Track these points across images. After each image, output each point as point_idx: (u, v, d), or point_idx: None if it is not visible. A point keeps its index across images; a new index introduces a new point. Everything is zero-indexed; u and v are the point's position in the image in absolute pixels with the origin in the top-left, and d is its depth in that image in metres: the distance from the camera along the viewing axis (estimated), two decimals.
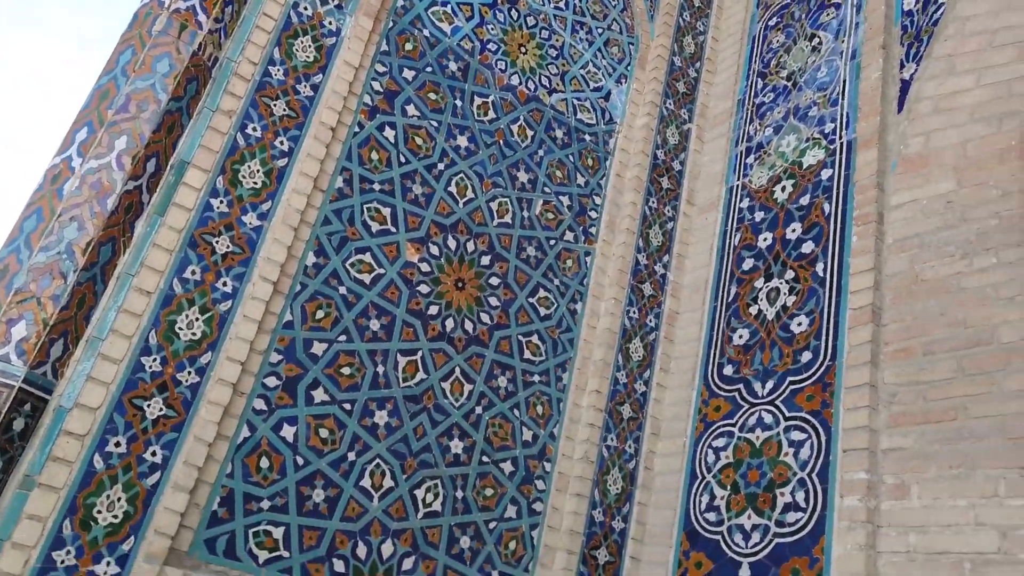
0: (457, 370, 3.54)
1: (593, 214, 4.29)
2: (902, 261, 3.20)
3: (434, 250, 3.66)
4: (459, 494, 3.37)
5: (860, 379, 3.02)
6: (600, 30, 4.65)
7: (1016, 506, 2.40)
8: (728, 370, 3.66)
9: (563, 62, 4.44)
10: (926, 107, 3.45)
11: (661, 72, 4.62)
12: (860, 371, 3.04)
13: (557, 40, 4.45)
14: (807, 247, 3.62)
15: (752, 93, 4.45)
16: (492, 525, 3.41)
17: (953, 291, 2.96)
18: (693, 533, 3.33)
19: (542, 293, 3.95)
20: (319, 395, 3.16)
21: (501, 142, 4.06)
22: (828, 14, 4.16)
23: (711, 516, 3.30)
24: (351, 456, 3.17)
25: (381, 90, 3.72)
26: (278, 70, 3.40)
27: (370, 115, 3.66)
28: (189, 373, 2.87)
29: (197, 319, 2.94)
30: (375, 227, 3.53)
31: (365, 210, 3.52)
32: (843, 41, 3.99)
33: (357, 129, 3.61)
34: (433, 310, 3.56)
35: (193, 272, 2.98)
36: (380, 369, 3.34)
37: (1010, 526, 2.39)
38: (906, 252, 3.21)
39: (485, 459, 3.48)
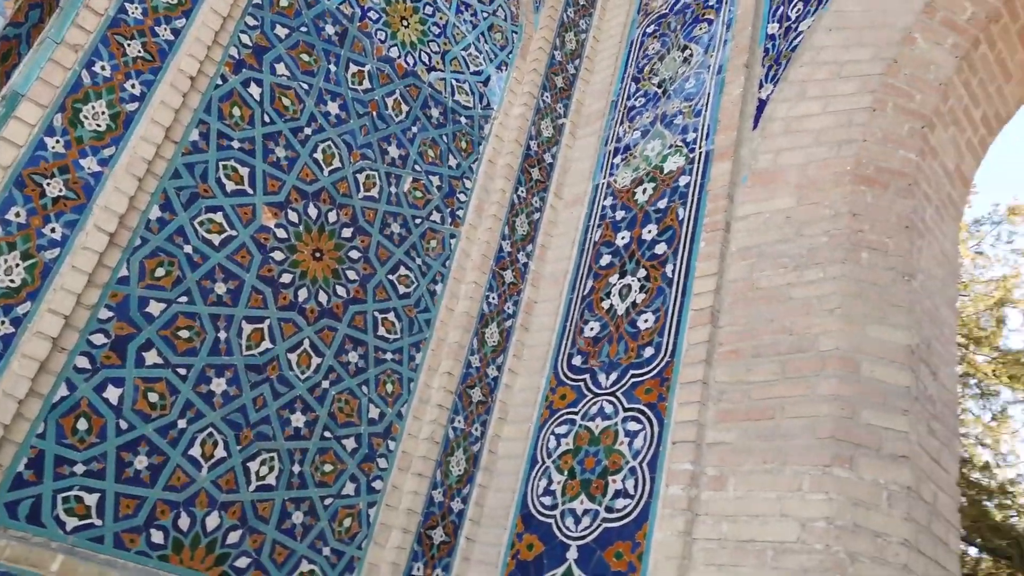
0: (306, 342, 3.45)
1: (462, 197, 4.29)
2: (742, 269, 3.40)
3: (293, 217, 3.54)
4: (296, 468, 3.29)
5: (694, 376, 3.19)
6: (485, 14, 4.65)
7: (815, 500, 2.61)
8: (577, 360, 3.77)
9: (445, 41, 4.40)
10: (778, 127, 3.67)
11: (541, 65, 4.68)
12: (695, 368, 3.21)
13: (441, 18, 4.41)
14: (660, 248, 3.77)
15: (625, 96, 4.58)
16: (328, 501, 3.35)
17: (783, 300, 3.17)
18: (528, 516, 3.41)
19: (403, 271, 3.91)
20: (151, 357, 2.99)
21: (374, 114, 3.98)
22: (701, 28, 4.35)
23: (547, 500, 3.39)
24: (181, 423, 3.02)
25: (250, 44, 3.55)
26: (136, 8, 3.17)
27: (235, 69, 3.48)
28: (3, 323, 2.64)
29: (17, 265, 2.71)
30: (230, 186, 3.37)
31: (221, 167, 3.35)
32: (712, 56, 4.18)
33: (220, 82, 3.43)
34: (286, 278, 3.45)
35: (17, 214, 2.74)
36: (222, 335, 3.20)
37: (809, 518, 2.59)
38: (747, 260, 3.40)
39: (327, 434, 3.41)
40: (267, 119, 3.54)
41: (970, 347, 10.99)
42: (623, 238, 4.00)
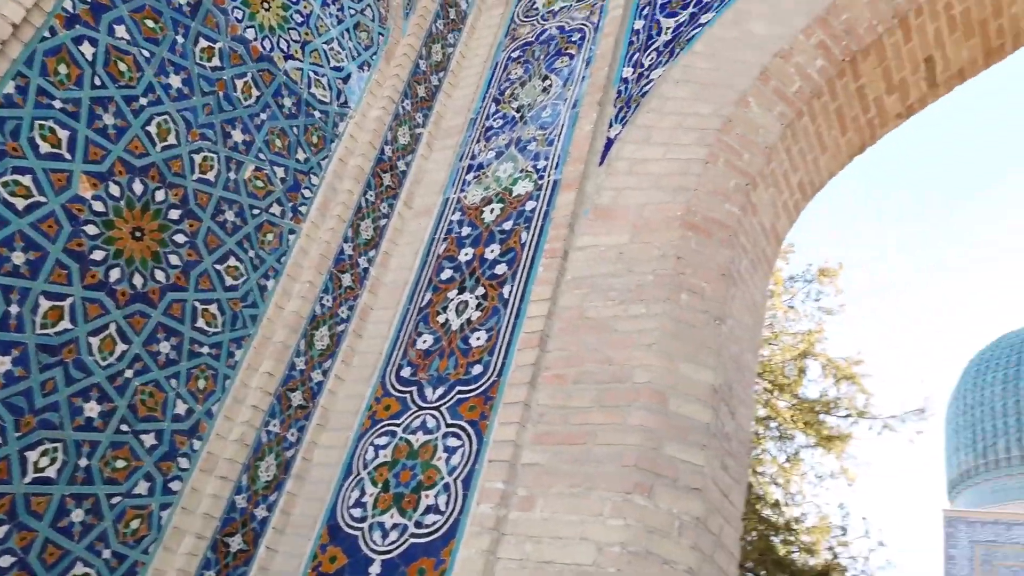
0: (113, 326, 3.19)
1: (307, 193, 4.15)
2: (575, 297, 3.51)
3: (114, 190, 3.27)
4: (83, 462, 3.01)
5: (517, 397, 3.24)
6: (352, 11, 4.55)
7: (615, 525, 2.71)
8: (406, 372, 3.73)
9: (307, 31, 4.26)
10: (622, 166, 3.84)
11: (405, 71, 4.64)
12: (519, 390, 3.26)
13: (305, 7, 4.27)
14: (500, 269, 3.82)
15: (485, 115, 4.64)
16: (115, 500, 3.09)
17: (609, 331, 3.30)
18: (335, 528, 3.31)
19: (232, 262, 3.72)
20: None
21: (220, 93, 3.77)
22: (563, 61, 4.49)
23: (357, 512, 3.31)
24: None
25: (88, 0, 3.27)
26: None
27: (67, 23, 3.19)
28: None
29: None
30: (44, 148, 3.07)
31: (37, 127, 3.05)
32: (569, 89, 4.32)
33: (48, 34, 3.12)
34: (97, 255, 3.17)
35: None
36: (13, 309, 2.89)
37: (607, 542, 2.69)
38: (580, 290, 3.52)
39: (124, 428, 3.16)
40: (98, 82, 3.26)
41: (774, 392, 11.98)
42: (466, 254, 4.02)
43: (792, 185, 3.93)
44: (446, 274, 4.02)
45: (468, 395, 3.44)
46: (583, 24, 4.55)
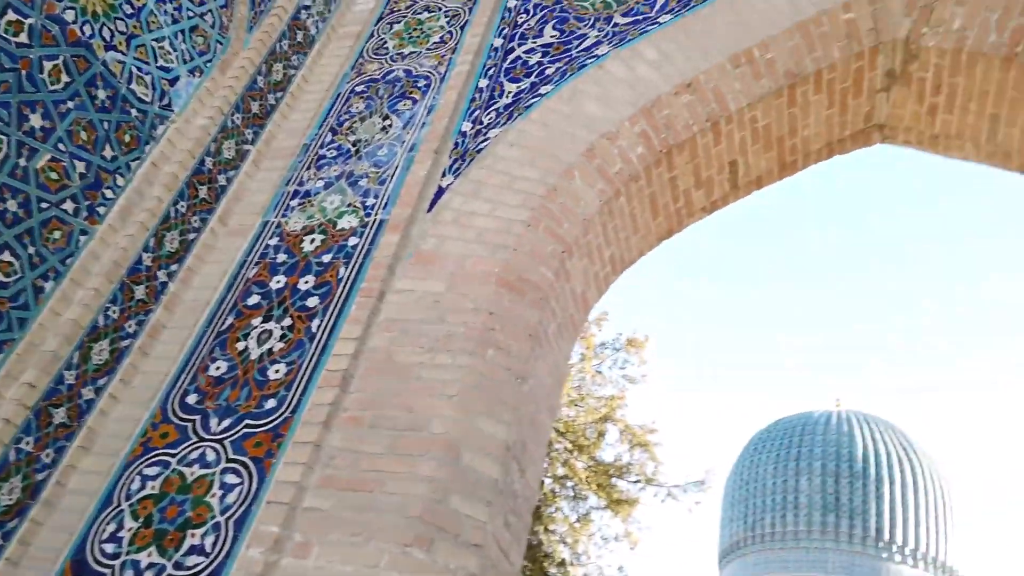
0: None
1: (109, 193, 3.82)
2: (385, 340, 3.46)
3: None
4: None
5: (309, 437, 3.11)
6: (191, 14, 4.33)
7: None
8: (192, 399, 3.48)
9: (136, 24, 3.99)
10: (449, 216, 3.88)
11: (240, 85, 4.45)
12: (312, 429, 3.14)
13: (138, 0, 4.01)
14: (312, 301, 3.70)
15: (320, 143, 4.54)
16: None
17: (413, 378, 3.28)
18: (81, 563, 2.98)
19: (7, 257, 3.33)
20: None
21: (23, 73, 3.42)
22: (405, 104, 4.51)
23: (110, 548, 2.99)
24: None
25: None
26: None
27: None
28: None
29: None
30: None
31: None
32: (409, 133, 4.34)
33: None
34: None
35: None
36: None
37: None
38: (390, 333, 3.48)
39: None
40: None
41: (574, 453, 12.44)
42: (278, 282, 3.87)
43: (604, 258, 4.16)
44: (253, 299, 3.84)
45: (256, 430, 3.26)
46: (430, 72, 4.61)
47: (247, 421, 3.30)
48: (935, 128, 4.27)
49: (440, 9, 4.96)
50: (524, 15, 4.75)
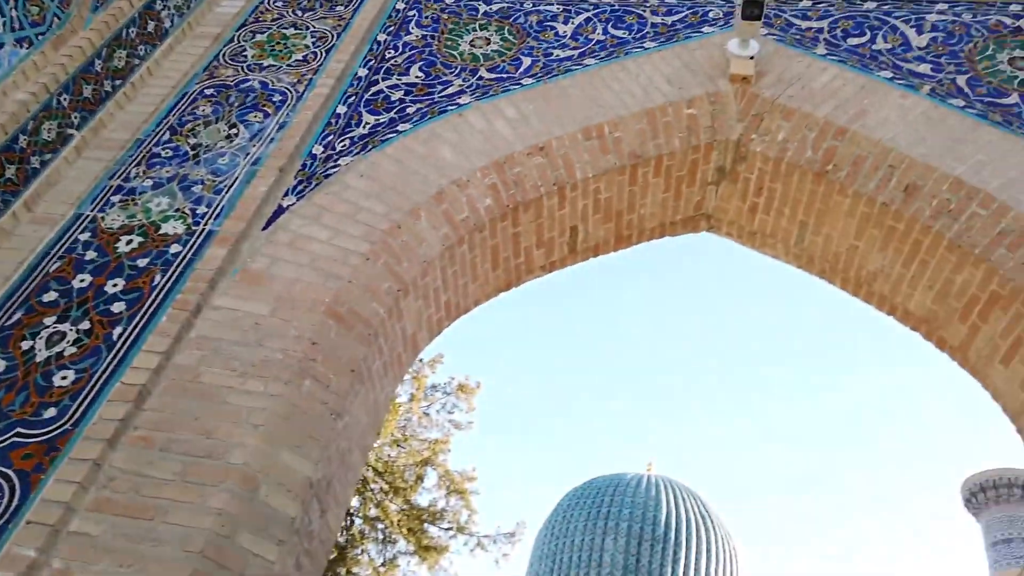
0: None
1: None
2: (193, 358, 3.24)
3: None
4: None
5: (89, 454, 2.83)
6: None
7: None
8: None
9: None
10: (285, 237, 3.74)
11: (74, 65, 4.11)
12: (94, 446, 2.86)
13: None
14: (118, 306, 3.41)
15: (155, 140, 4.25)
16: None
17: (218, 401, 3.08)
18: None
19: None
20: None
21: None
22: (256, 116, 4.34)
23: None
24: None
25: None
26: None
27: None
28: None
29: None
30: None
31: None
32: (255, 146, 4.16)
33: None
34: None
35: None
36: None
37: None
38: (201, 351, 3.26)
39: None
40: None
41: (389, 495, 12.17)
42: (83, 281, 3.54)
43: (440, 302, 4.16)
44: (50, 296, 3.48)
45: (29, 440, 2.92)
46: (288, 89, 4.49)
47: (19, 429, 2.96)
48: (754, 225, 4.67)
49: (307, 28, 4.86)
50: (393, 51, 4.75)
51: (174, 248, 3.67)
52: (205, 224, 3.77)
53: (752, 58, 4.28)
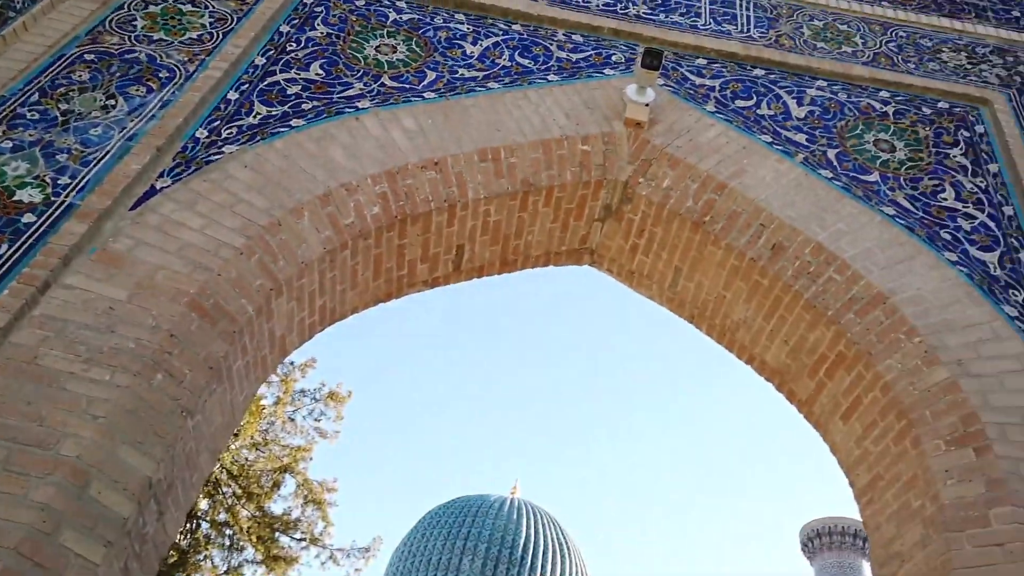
0: None
1: None
2: (34, 338, 3.00)
3: None
4: None
5: None
6: None
7: None
8: None
9: None
10: (154, 220, 3.54)
11: None
12: None
13: None
14: None
15: (21, 101, 3.93)
16: None
17: (56, 387, 2.86)
18: None
19: None
20: None
21: None
22: (138, 90, 4.10)
23: None
24: None
25: None
26: None
27: None
28: None
29: None
30: None
31: None
32: (133, 120, 3.93)
33: None
34: None
35: None
36: None
37: None
38: (44, 330, 3.03)
39: None
40: None
41: (242, 500, 11.63)
42: None
43: (315, 306, 4.05)
44: None
45: None
46: (177, 66, 4.27)
47: None
48: (633, 265, 4.83)
49: (206, 8, 4.65)
50: (295, 44, 4.62)
51: (27, 218, 3.40)
52: (66, 196, 3.51)
53: (647, 105, 4.45)
